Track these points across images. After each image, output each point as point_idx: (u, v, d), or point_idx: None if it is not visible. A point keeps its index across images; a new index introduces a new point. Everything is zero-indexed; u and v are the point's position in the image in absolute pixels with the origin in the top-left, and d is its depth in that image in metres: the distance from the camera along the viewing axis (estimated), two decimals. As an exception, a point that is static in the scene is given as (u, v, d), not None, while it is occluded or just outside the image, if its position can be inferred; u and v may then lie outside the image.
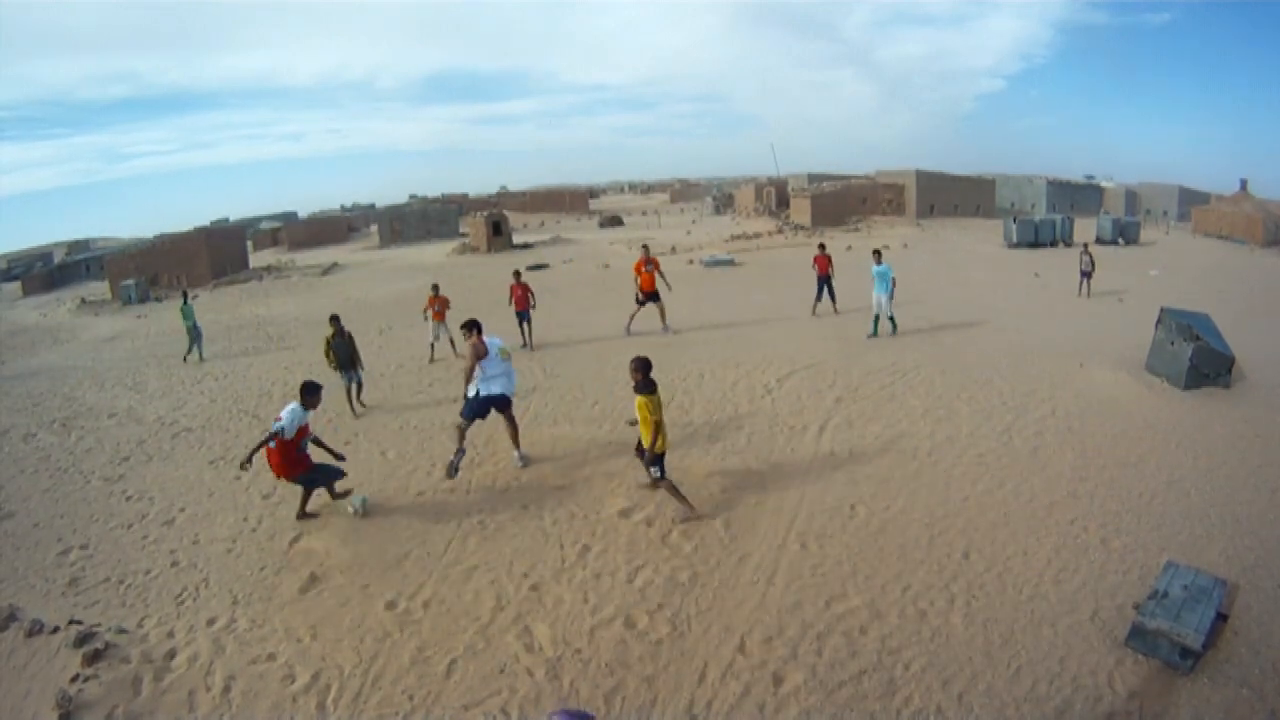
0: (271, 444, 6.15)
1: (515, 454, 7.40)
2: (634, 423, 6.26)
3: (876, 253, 12.99)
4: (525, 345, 13.12)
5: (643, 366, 6.02)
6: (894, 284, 12.26)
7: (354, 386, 10.04)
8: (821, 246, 15.63)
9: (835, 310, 15.23)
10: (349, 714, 4.13)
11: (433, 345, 12.87)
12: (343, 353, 9.98)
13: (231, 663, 4.63)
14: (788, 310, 15.64)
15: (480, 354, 6.94)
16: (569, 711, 2.29)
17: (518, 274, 13.87)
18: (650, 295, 13.53)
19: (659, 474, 6.08)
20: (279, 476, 6.47)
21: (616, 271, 25.64)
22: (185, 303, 15.33)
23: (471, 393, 7.07)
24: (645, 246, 14.30)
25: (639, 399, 5.94)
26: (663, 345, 12.71)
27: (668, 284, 13.75)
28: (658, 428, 5.89)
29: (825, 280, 15.09)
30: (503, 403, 7.16)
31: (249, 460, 6.27)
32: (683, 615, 4.82)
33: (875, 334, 12.33)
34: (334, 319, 10.18)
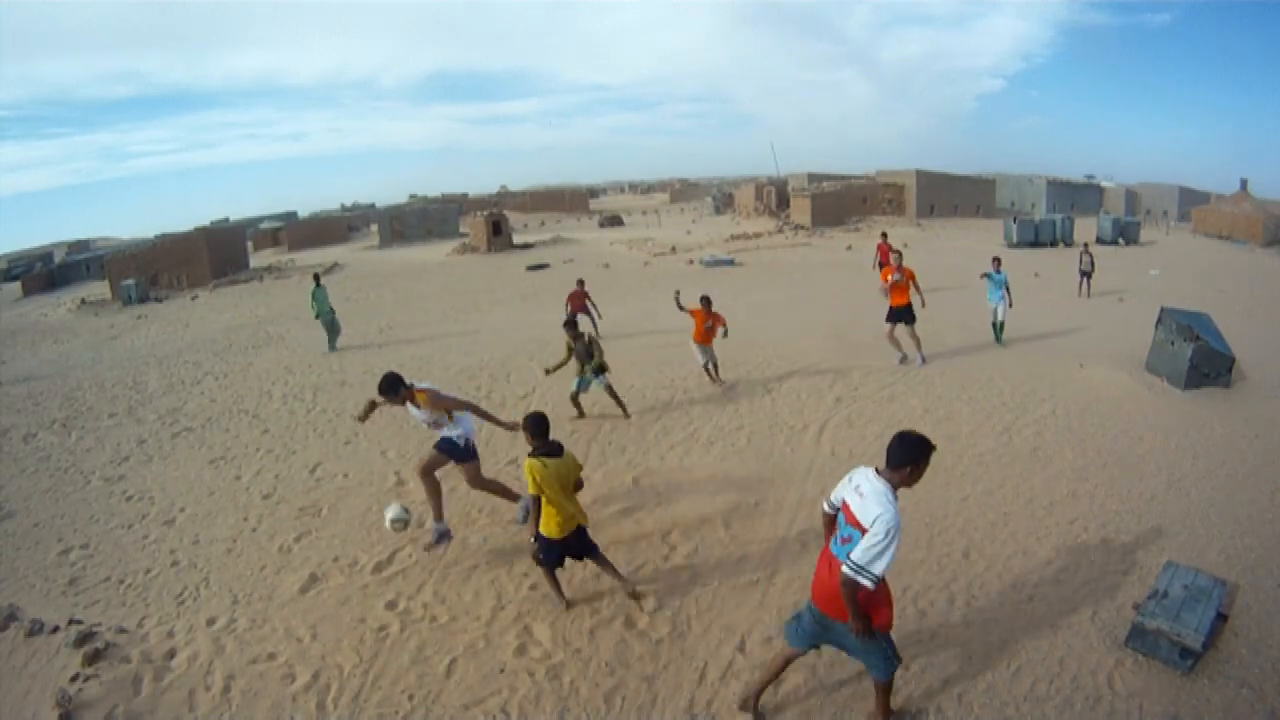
0: None
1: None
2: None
3: (996, 260, 12.09)
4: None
5: (533, 427, 4.62)
6: (1008, 289, 11.65)
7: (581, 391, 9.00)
8: (884, 235, 17.26)
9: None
10: (349, 714, 4.13)
11: (706, 368, 10.11)
12: (582, 356, 9.05)
13: (231, 662, 4.63)
14: (788, 309, 15.64)
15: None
16: None
17: (581, 282, 14.32)
18: (901, 312, 10.45)
19: (538, 556, 4.79)
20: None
21: (616, 271, 25.66)
22: (318, 286, 14.43)
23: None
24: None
25: (526, 461, 4.56)
26: (657, 346, 12.70)
27: (922, 298, 10.90)
28: (537, 503, 4.58)
29: (884, 265, 16.21)
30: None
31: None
32: (683, 615, 4.82)
33: (1000, 341, 11.71)
34: (571, 323, 8.97)
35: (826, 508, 3.61)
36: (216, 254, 35.58)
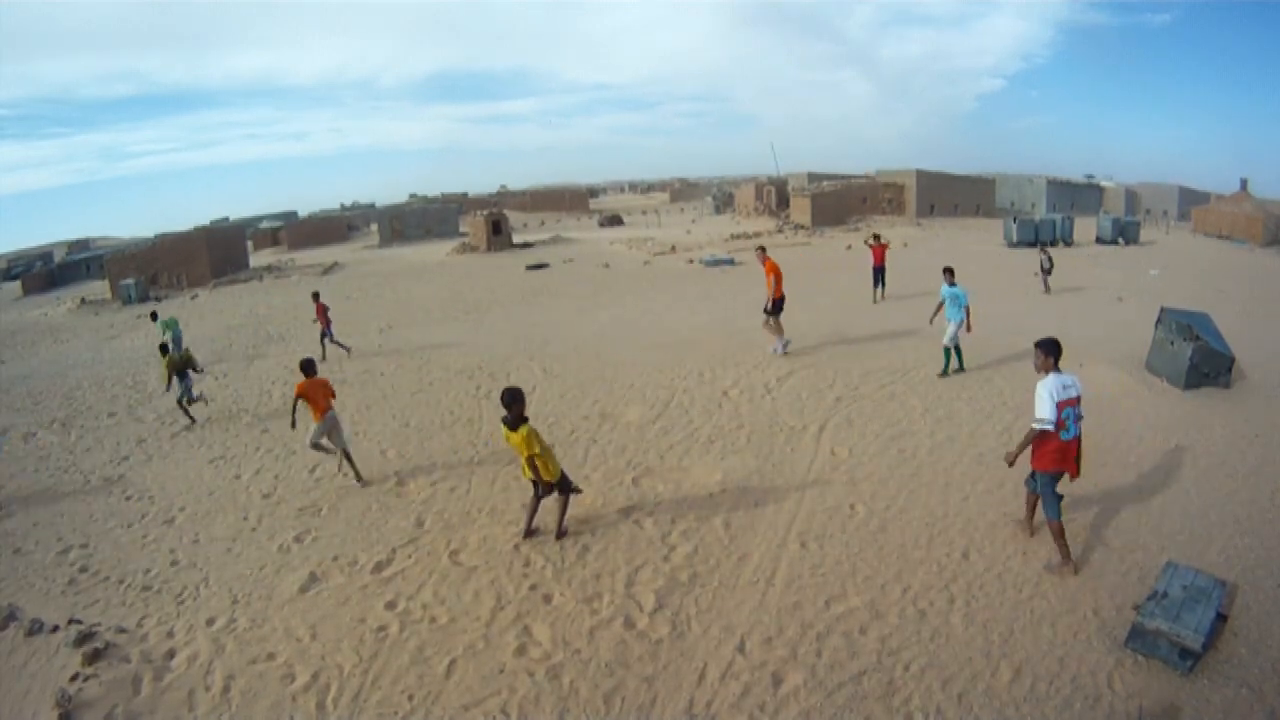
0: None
1: None
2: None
3: (948, 271, 10.14)
4: (324, 357, 13.64)
5: (511, 400, 5.51)
6: (968, 312, 9.76)
7: None
8: (876, 237, 17.02)
9: (882, 297, 16.22)
10: (349, 714, 4.13)
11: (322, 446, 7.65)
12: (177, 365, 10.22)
13: (231, 662, 4.63)
14: (788, 308, 15.60)
15: None
16: None
17: (317, 295, 14.54)
18: (779, 304, 11.19)
19: (573, 489, 5.97)
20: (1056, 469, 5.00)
21: (616, 271, 25.65)
22: (156, 320, 15.09)
23: None
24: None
25: (523, 431, 5.47)
26: (657, 347, 12.72)
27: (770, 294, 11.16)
28: (549, 454, 5.65)
29: (880, 269, 16.31)
30: None
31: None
32: (682, 615, 4.82)
33: (946, 373, 9.84)
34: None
35: (1050, 424, 4.78)
36: (216, 253, 35.56)
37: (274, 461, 8.38)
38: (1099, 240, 29.96)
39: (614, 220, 56.22)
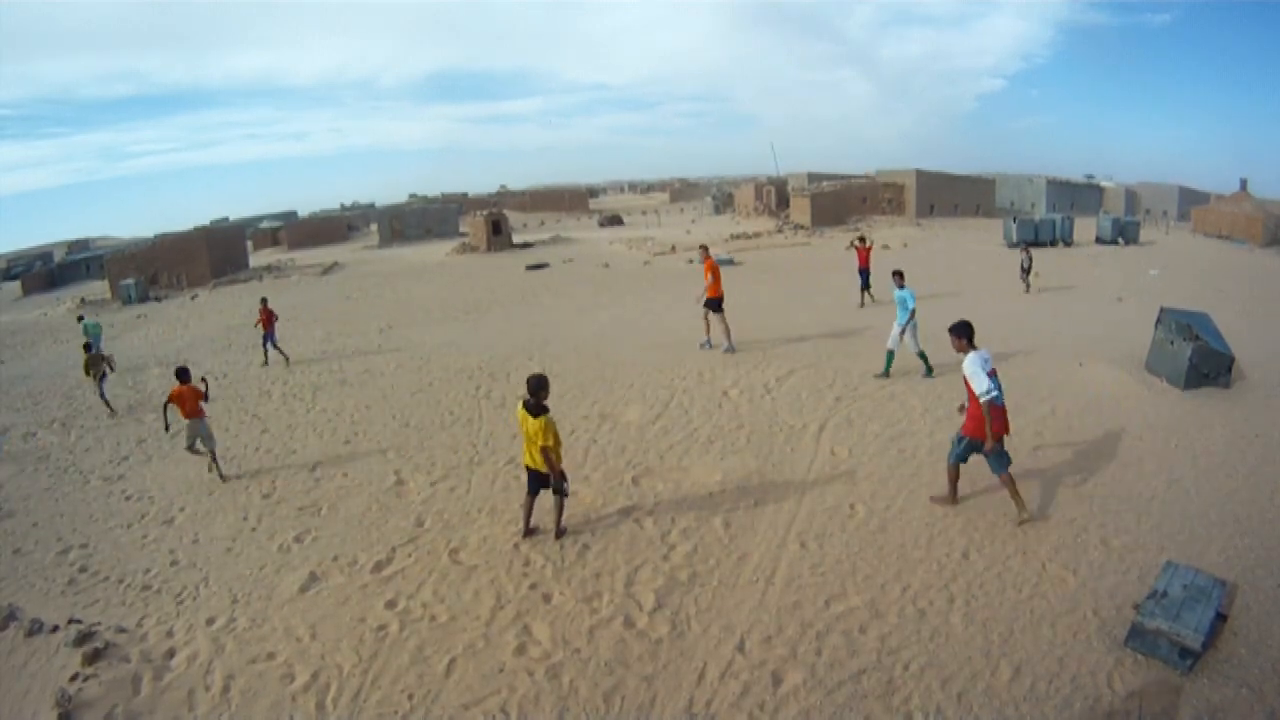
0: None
1: None
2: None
3: (897, 274, 10.09)
4: (266, 363, 14.00)
5: (538, 385, 5.58)
6: (914, 314, 9.64)
7: None
8: (862, 239, 16.71)
9: (871, 300, 15.98)
10: (348, 713, 4.12)
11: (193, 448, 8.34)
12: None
13: (231, 662, 4.63)
14: (787, 308, 15.63)
15: None
16: None
17: (265, 301, 14.74)
18: (714, 302, 11.70)
19: (567, 489, 5.89)
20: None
21: (616, 271, 25.66)
22: (81, 322, 15.07)
23: None
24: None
25: (543, 420, 5.49)
26: (657, 347, 12.72)
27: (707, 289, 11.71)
28: (559, 449, 5.70)
29: (865, 272, 16.03)
30: None
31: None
32: (682, 615, 4.82)
33: (887, 374, 9.88)
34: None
35: (997, 391, 5.48)
36: (216, 253, 35.57)
37: (273, 461, 8.38)
38: (1099, 240, 29.96)
39: (614, 220, 56.26)
